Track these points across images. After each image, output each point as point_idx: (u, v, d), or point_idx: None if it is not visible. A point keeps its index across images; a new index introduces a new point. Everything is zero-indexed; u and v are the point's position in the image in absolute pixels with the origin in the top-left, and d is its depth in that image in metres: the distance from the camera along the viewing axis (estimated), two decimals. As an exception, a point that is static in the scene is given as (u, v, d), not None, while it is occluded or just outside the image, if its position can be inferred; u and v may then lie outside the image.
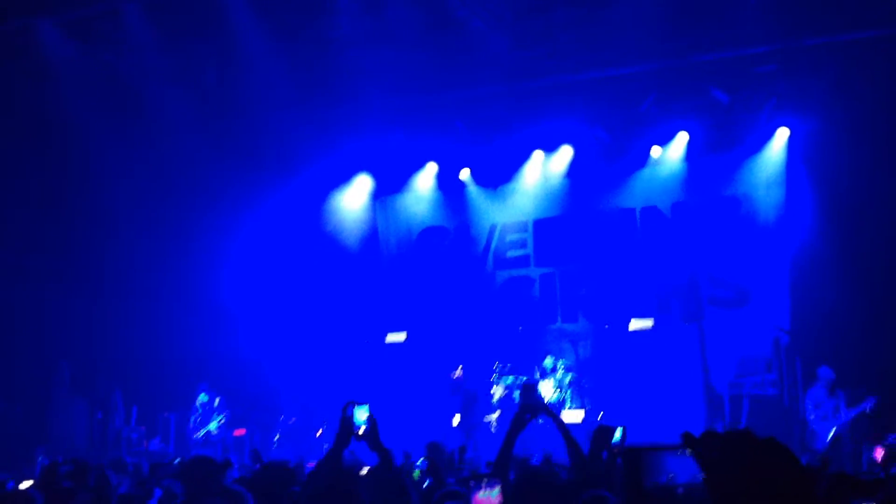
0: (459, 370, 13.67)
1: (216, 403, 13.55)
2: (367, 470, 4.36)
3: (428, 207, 16.02)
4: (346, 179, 16.05)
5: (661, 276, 14.22)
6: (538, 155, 14.95)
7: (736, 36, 11.93)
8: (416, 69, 12.80)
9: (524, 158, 15.06)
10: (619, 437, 4.67)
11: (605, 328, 14.08)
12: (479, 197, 15.70)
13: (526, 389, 4.60)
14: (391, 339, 14.99)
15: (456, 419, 13.17)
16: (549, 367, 13.62)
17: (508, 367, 13.99)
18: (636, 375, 13.16)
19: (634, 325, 13.58)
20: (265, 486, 4.65)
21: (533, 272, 15.29)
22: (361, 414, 3.78)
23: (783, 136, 13.45)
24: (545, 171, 15.04)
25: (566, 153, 14.71)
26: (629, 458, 1.70)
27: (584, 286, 14.75)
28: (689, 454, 1.51)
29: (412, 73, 12.84)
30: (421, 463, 5.45)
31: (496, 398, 13.74)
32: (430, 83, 13.33)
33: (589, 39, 12.38)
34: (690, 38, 12.05)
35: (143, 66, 12.90)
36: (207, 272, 14.97)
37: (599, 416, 13.04)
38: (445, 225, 16.00)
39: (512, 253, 15.52)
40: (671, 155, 14.18)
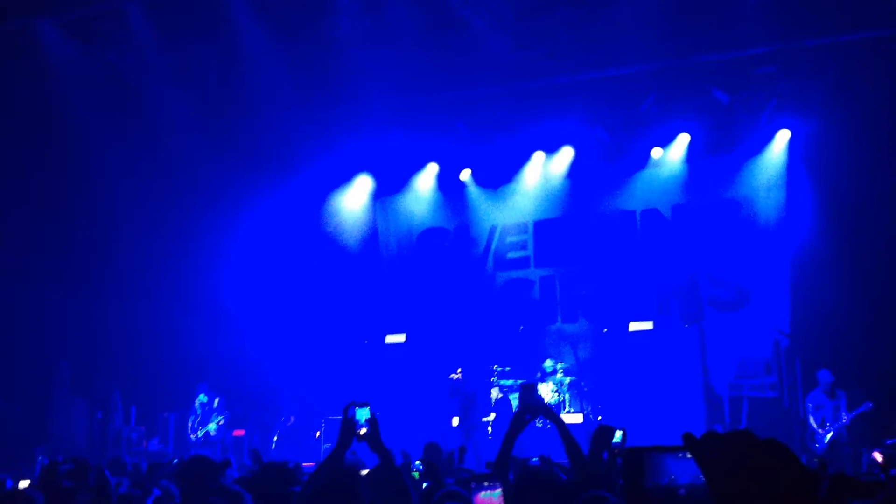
0: (459, 372, 13.65)
1: (216, 404, 13.54)
2: (367, 470, 4.36)
3: (428, 208, 16.01)
4: (346, 180, 16.05)
5: (661, 277, 14.22)
6: (539, 156, 14.96)
7: (736, 37, 11.91)
8: (416, 69, 12.78)
9: (525, 159, 15.06)
10: (619, 438, 4.67)
11: (604, 331, 14.07)
12: (479, 198, 15.69)
13: (525, 390, 4.59)
14: (391, 339, 14.98)
15: (455, 420, 13.16)
16: (548, 369, 13.61)
17: (508, 368, 13.98)
18: (636, 377, 13.15)
19: (634, 327, 13.57)
20: (264, 486, 4.65)
21: (533, 274, 15.28)
22: (363, 415, 3.78)
23: (784, 137, 13.45)
24: (545, 172, 15.04)
25: (567, 154, 14.71)
26: (630, 458, 1.69)
27: (584, 288, 14.74)
28: (690, 455, 1.50)
29: (413, 73, 12.83)
30: (419, 464, 5.44)
31: (494, 399, 13.74)
32: (430, 83, 13.32)
33: (590, 40, 12.36)
34: (691, 38, 12.04)
35: (143, 65, 12.91)
36: (207, 272, 14.97)
37: (598, 417, 13.04)
38: (446, 226, 16.00)
39: (512, 254, 15.51)
40: (671, 156, 14.19)
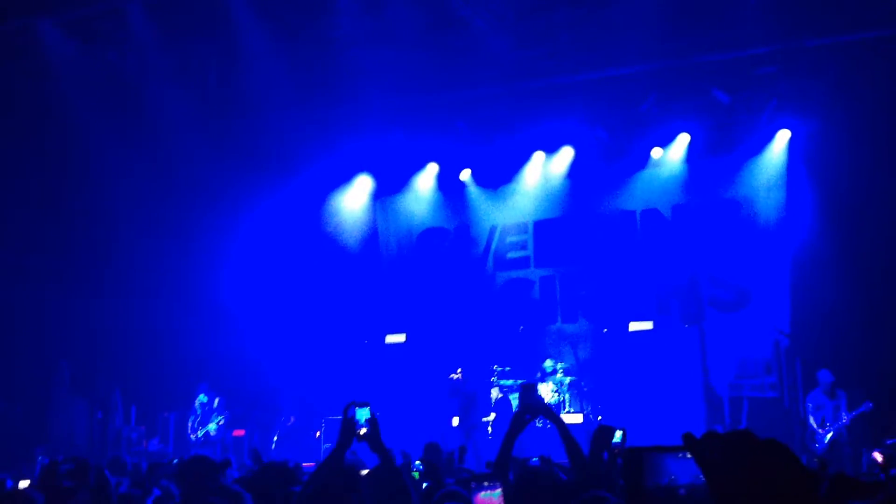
0: (459, 372, 13.65)
1: (216, 404, 13.54)
2: (367, 470, 4.36)
3: (428, 208, 16.00)
4: (346, 180, 16.04)
5: (661, 277, 14.22)
6: (539, 156, 14.95)
7: (736, 37, 11.91)
8: (416, 69, 12.78)
9: (525, 159, 15.06)
10: (619, 438, 4.66)
11: (603, 332, 14.06)
12: (479, 198, 15.69)
13: (525, 389, 4.58)
14: (391, 339, 14.98)
15: (455, 420, 13.16)
16: (548, 369, 13.61)
17: (508, 369, 13.98)
18: (636, 377, 13.14)
19: (634, 327, 13.56)
20: (264, 486, 4.64)
21: (533, 274, 15.28)
22: (363, 415, 3.78)
23: (784, 138, 13.45)
24: (546, 172, 15.03)
25: (567, 154, 14.70)
26: (630, 458, 1.69)
27: (584, 288, 14.73)
28: (690, 456, 1.50)
29: (413, 73, 12.82)
30: (419, 464, 5.44)
31: (494, 399, 13.73)
32: (430, 83, 13.31)
33: (590, 39, 12.36)
34: (691, 38, 12.03)
35: (143, 65, 12.90)
36: (207, 272, 14.96)
37: (598, 417, 13.03)
38: (446, 226, 15.99)
39: (512, 254, 15.51)
40: (672, 156, 14.18)
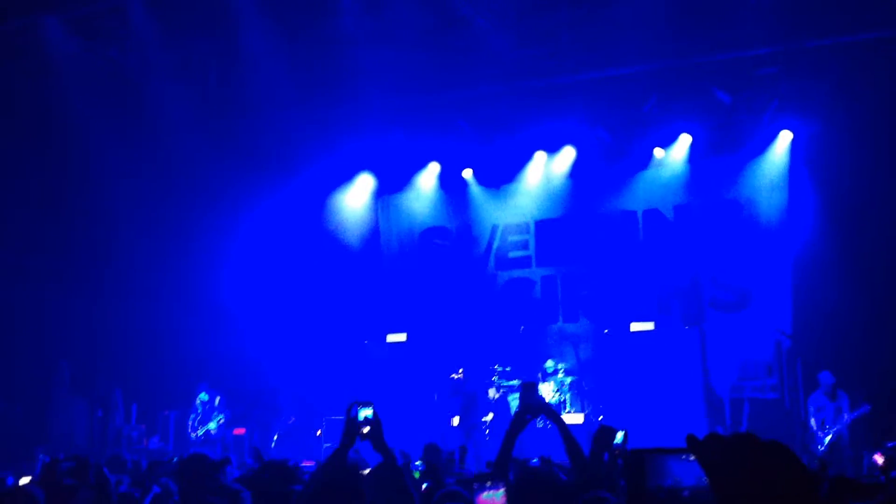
0: (460, 372, 13.64)
1: (216, 402, 13.54)
2: (369, 469, 4.35)
3: (430, 207, 16.00)
4: (347, 178, 16.03)
5: (662, 278, 14.20)
6: (540, 155, 14.94)
7: (738, 37, 11.89)
8: (418, 68, 12.77)
9: (526, 159, 15.05)
10: (621, 439, 4.65)
11: (604, 332, 14.04)
12: (480, 197, 15.68)
13: (526, 389, 4.57)
14: (392, 339, 14.97)
15: (455, 420, 13.15)
16: (549, 369, 13.59)
17: (509, 368, 13.96)
18: (637, 378, 13.12)
19: (635, 327, 13.54)
20: (265, 484, 4.63)
21: (534, 273, 15.27)
22: (365, 414, 3.77)
23: (785, 138, 13.43)
24: (547, 171, 15.02)
25: (568, 154, 14.69)
26: (633, 460, 1.68)
27: (585, 288, 14.72)
28: (693, 458, 1.49)
29: (414, 72, 12.81)
30: (419, 465, 5.43)
31: (493, 399, 13.71)
32: (432, 83, 13.30)
33: (591, 39, 12.35)
34: (692, 39, 12.02)
35: (145, 63, 12.89)
36: (208, 272, 14.96)
37: (599, 417, 13.01)
38: (447, 225, 15.98)
39: (513, 254, 15.50)
40: (673, 157, 14.17)
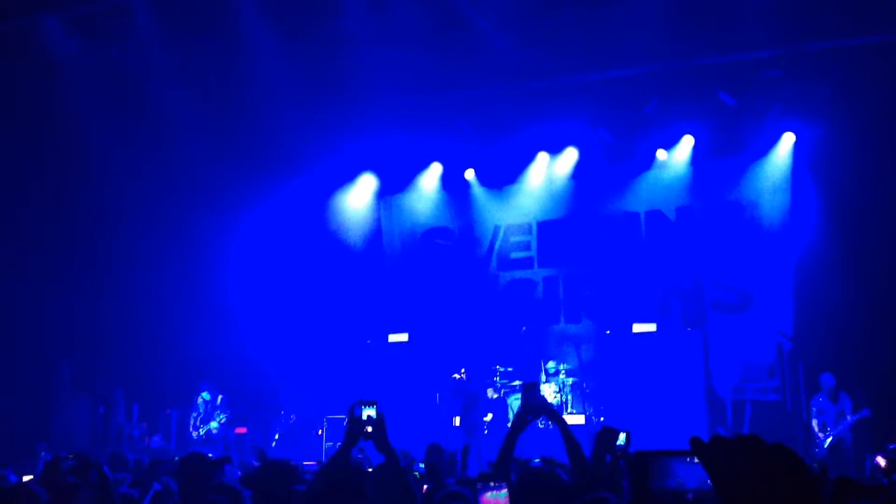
0: (462, 372, 13.63)
1: (218, 401, 13.55)
2: (372, 469, 4.35)
3: (432, 207, 16.00)
4: (350, 179, 16.04)
5: (664, 280, 14.19)
6: (543, 156, 14.94)
7: (741, 40, 11.87)
8: (420, 69, 12.76)
9: (529, 159, 15.04)
10: (623, 441, 4.64)
11: (606, 333, 14.03)
12: (483, 197, 15.68)
13: (528, 389, 4.56)
14: (394, 339, 14.97)
15: (457, 420, 13.14)
16: (551, 369, 13.58)
17: (510, 369, 13.96)
18: (638, 379, 13.11)
19: (637, 328, 13.53)
20: (267, 484, 4.63)
21: (536, 274, 15.26)
22: (368, 413, 3.78)
23: (788, 141, 13.42)
24: (549, 172, 15.02)
25: (571, 155, 14.69)
26: (637, 462, 1.68)
27: (587, 289, 14.72)
28: (696, 460, 1.49)
29: (416, 72, 12.80)
30: (422, 465, 5.43)
31: (495, 400, 13.71)
32: (434, 83, 13.29)
33: (594, 40, 12.33)
34: (695, 40, 12.00)
35: (146, 63, 12.89)
36: (210, 271, 14.97)
37: (601, 418, 13.01)
38: (449, 225, 15.99)
39: (515, 254, 15.49)
40: (676, 158, 14.17)
